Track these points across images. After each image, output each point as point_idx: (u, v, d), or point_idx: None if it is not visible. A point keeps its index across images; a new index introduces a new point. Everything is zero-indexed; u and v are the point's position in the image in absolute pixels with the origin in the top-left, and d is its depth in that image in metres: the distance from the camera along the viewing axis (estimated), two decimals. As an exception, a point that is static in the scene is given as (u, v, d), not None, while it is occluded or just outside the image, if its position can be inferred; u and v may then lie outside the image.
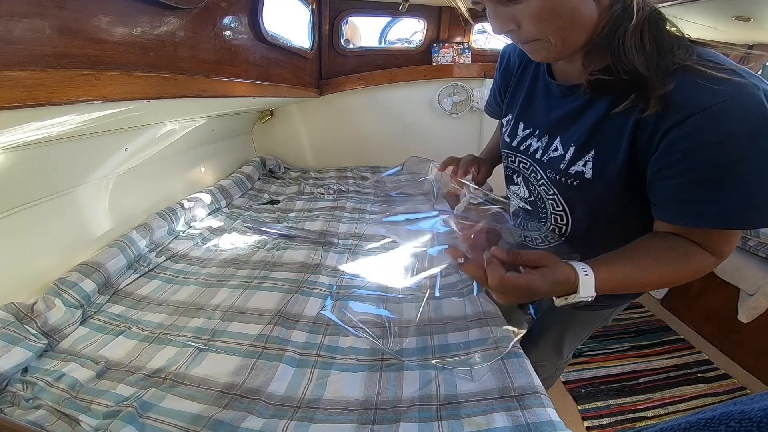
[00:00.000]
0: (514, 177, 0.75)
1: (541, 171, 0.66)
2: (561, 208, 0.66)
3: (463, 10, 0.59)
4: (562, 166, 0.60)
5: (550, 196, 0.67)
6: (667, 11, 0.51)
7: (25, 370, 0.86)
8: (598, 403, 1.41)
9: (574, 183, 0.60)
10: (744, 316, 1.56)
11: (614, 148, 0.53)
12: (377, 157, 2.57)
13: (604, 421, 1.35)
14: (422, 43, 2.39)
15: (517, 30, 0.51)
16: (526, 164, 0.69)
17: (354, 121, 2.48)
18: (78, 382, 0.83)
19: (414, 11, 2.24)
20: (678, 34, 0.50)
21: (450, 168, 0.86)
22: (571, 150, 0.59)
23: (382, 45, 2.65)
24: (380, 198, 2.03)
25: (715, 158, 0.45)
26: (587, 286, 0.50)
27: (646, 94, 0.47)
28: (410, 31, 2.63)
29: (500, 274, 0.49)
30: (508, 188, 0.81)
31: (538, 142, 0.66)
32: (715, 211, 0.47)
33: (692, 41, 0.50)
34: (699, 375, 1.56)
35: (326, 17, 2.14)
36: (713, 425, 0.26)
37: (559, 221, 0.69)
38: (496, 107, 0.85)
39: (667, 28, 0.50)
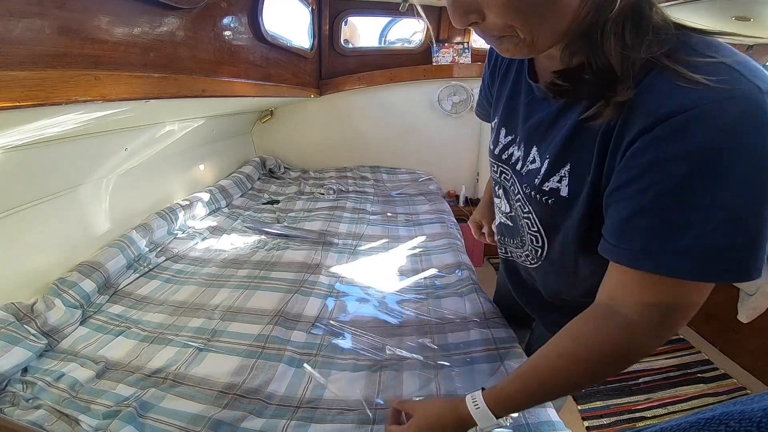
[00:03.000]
0: (497, 189, 0.69)
1: (518, 184, 0.58)
2: (536, 229, 0.59)
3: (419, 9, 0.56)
4: (537, 180, 0.52)
5: (525, 215, 0.59)
6: (667, 11, 0.47)
7: (25, 370, 0.86)
8: (598, 403, 1.41)
9: (549, 201, 0.51)
10: (744, 316, 1.56)
11: (588, 162, 0.44)
12: (377, 157, 2.57)
13: (604, 421, 1.35)
14: (422, 43, 2.39)
15: (481, 22, 0.42)
16: (507, 175, 0.62)
17: (354, 121, 2.48)
18: (78, 382, 0.83)
19: (414, 11, 2.24)
20: (662, 23, 0.40)
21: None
22: (546, 163, 0.50)
23: (382, 45, 2.65)
24: (380, 198, 2.03)
25: (673, 179, 0.35)
26: (483, 417, 0.50)
27: (614, 97, 0.39)
28: (410, 31, 2.63)
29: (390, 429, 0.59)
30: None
31: (519, 151, 0.57)
32: (659, 250, 0.38)
33: (683, 27, 0.40)
34: (699, 375, 1.55)
35: (326, 17, 2.14)
36: (713, 425, 0.26)
37: (535, 243, 0.61)
38: (486, 107, 0.75)
39: (653, 16, 0.39)
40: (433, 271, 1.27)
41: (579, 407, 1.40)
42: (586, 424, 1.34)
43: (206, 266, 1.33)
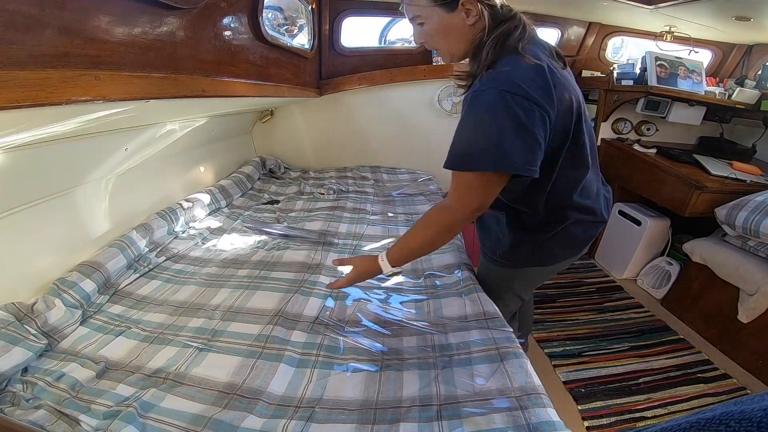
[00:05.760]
0: None
1: None
2: None
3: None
4: None
5: None
6: (668, 11, 0.49)
7: (25, 370, 0.86)
8: (598, 403, 1.41)
9: None
10: (744, 316, 1.56)
11: None
12: (377, 157, 2.57)
13: (604, 421, 1.35)
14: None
15: (426, 43, 0.81)
16: None
17: (354, 121, 2.48)
18: (78, 382, 0.83)
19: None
20: (512, 44, 0.72)
21: None
22: None
23: (382, 45, 2.64)
24: (380, 198, 2.03)
25: (460, 123, 0.75)
26: (384, 265, 0.89)
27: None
28: (410, 31, 2.63)
29: (336, 283, 0.97)
30: None
31: None
32: (448, 157, 0.75)
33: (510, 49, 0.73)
34: (699, 375, 1.55)
35: (326, 17, 2.14)
36: (713, 425, 0.26)
37: None
38: None
39: (514, 38, 0.73)
40: (433, 271, 1.27)
41: (579, 407, 1.40)
42: (586, 424, 1.34)
43: (206, 266, 1.33)
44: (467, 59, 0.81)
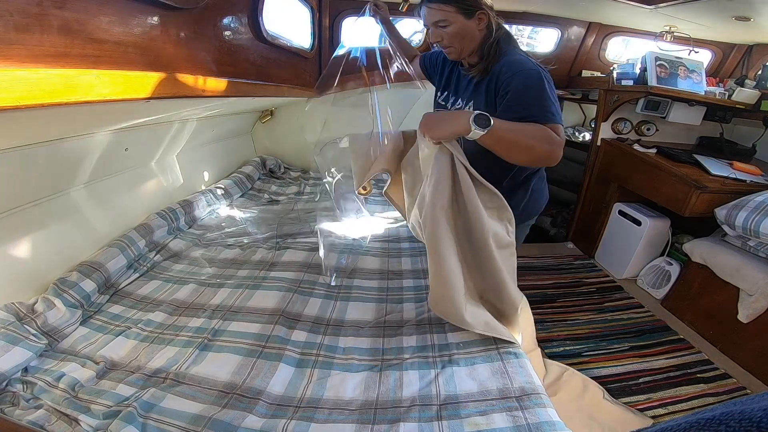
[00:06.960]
0: None
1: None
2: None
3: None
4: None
5: None
6: (668, 11, 0.49)
7: (25, 370, 0.86)
8: (598, 403, 1.41)
9: None
10: (744, 316, 1.56)
11: (482, 101, 1.02)
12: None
13: (604, 421, 1.34)
14: (422, 43, 2.39)
15: (441, 41, 1.02)
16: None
17: (354, 121, 2.48)
18: (78, 382, 0.83)
19: (414, 11, 2.24)
20: (509, 45, 1.02)
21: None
22: (461, 102, 1.11)
23: (382, 45, 2.64)
24: (380, 198, 2.03)
25: (518, 94, 0.92)
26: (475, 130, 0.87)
27: (488, 72, 1.00)
28: (410, 30, 2.63)
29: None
30: None
31: (452, 97, 1.16)
32: (525, 115, 0.90)
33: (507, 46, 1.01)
34: (699, 375, 1.55)
35: (326, 17, 2.14)
36: (713, 425, 0.26)
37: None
38: (429, 66, 1.36)
39: (508, 41, 1.03)
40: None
41: (579, 407, 1.39)
42: (586, 424, 1.34)
43: (206, 266, 1.33)
44: (469, 57, 1.05)
